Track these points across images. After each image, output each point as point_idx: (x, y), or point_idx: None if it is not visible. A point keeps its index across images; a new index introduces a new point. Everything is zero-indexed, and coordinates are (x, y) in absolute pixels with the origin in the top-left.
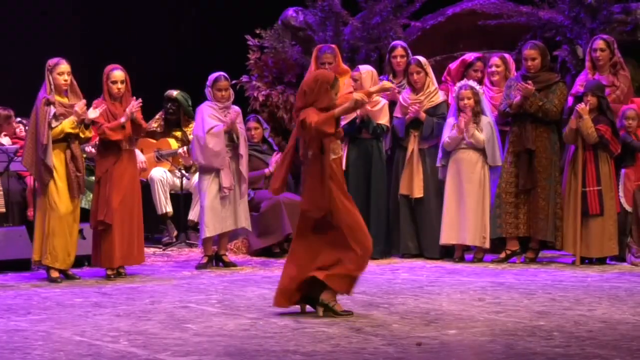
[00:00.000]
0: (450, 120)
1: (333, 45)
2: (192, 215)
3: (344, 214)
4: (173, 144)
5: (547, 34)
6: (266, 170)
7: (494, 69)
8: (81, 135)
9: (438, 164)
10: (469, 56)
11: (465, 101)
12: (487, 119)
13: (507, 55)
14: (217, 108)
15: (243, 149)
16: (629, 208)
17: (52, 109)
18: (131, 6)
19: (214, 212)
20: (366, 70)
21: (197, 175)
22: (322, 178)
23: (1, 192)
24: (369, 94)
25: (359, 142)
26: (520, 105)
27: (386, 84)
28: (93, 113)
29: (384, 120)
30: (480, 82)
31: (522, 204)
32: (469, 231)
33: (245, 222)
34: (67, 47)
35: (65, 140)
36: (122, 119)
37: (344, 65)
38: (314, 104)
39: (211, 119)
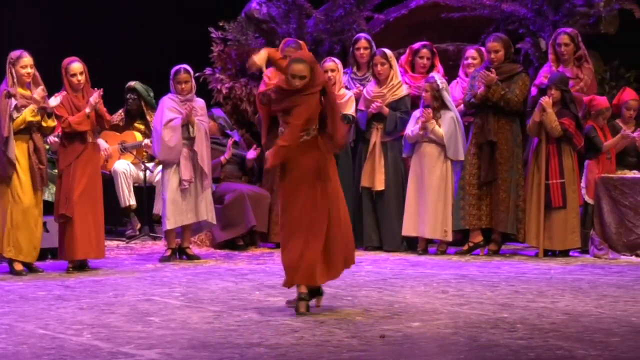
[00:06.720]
0: (416, 113)
1: (300, 41)
2: (157, 209)
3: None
4: (138, 136)
5: (510, 27)
6: (222, 158)
7: (470, 60)
8: (44, 124)
9: (404, 156)
10: (416, 44)
11: (423, 94)
12: (450, 114)
13: (483, 48)
14: (178, 101)
15: (200, 143)
16: (590, 200)
17: (13, 101)
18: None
19: (175, 205)
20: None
21: (160, 167)
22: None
23: None
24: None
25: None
26: (485, 95)
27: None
28: (54, 101)
29: (349, 111)
30: (428, 70)
31: (484, 196)
32: (429, 224)
33: (207, 214)
34: (33, 41)
35: (28, 131)
36: (87, 110)
37: None
38: None
39: (170, 111)
